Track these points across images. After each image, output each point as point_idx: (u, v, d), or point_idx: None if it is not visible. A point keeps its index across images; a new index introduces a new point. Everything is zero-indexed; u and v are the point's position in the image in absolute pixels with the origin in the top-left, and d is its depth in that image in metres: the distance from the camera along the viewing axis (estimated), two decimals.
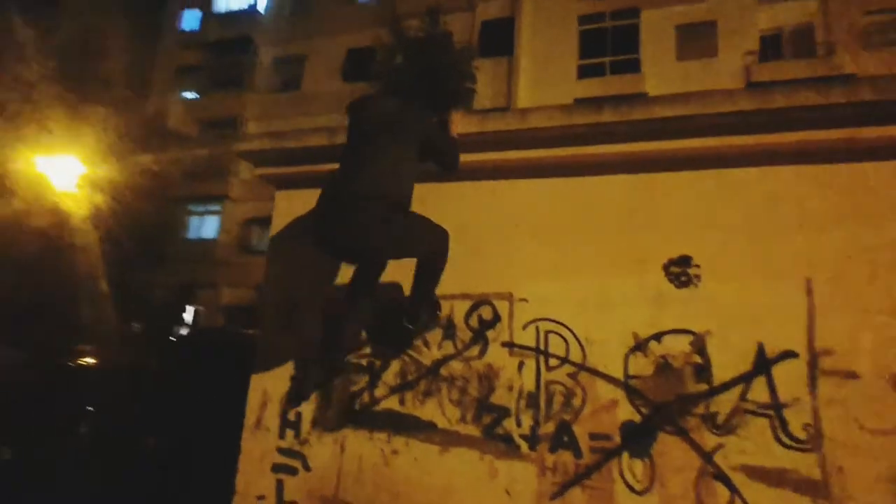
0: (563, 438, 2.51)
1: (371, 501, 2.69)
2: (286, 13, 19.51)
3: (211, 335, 10.31)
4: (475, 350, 2.75)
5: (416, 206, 2.58)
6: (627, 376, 2.48)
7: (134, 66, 20.36)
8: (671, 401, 2.40)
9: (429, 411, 2.76)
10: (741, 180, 2.52)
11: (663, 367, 2.44)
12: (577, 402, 2.53)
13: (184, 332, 16.32)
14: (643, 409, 2.43)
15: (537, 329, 2.66)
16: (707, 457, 2.30)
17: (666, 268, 2.53)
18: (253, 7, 19.82)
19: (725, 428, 2.30)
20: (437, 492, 2.64)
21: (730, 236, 2.48)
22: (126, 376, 6.85)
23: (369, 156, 2.46)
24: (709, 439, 2.31)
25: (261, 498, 2.94)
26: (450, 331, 2.82)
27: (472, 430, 2.66)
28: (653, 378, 2.44)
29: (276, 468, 2.95)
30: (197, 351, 7.34)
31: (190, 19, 20.91)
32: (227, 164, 18.23)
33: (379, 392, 2.86)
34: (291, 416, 3.00)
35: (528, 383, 2.62)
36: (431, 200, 2.96)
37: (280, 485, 2.92)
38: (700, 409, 2.35)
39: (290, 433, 2.98)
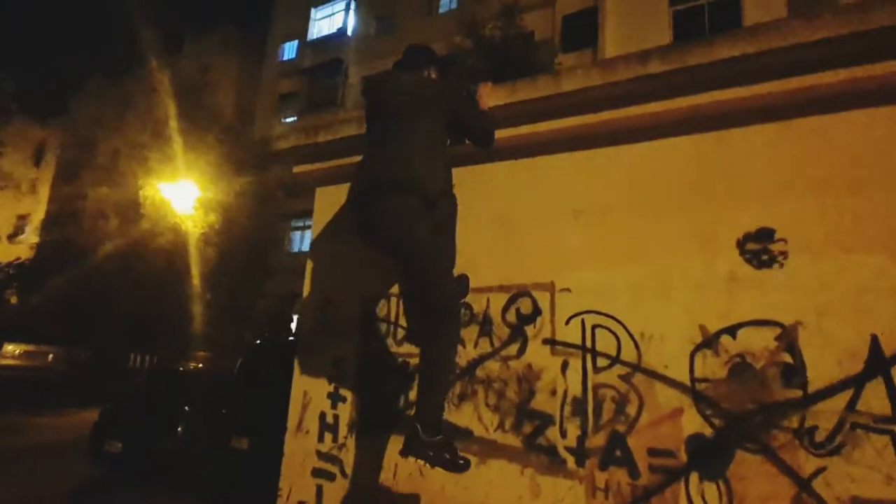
0: (616, 453, 2.10)
1: None
2: (372, 33, 20.33)
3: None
4: (513, 348, 2.43)
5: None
6: (694, 380, 2.02)
7: (241, 97, 22.39)
8: (752, 411, 1.90)
9: (465, 417, 2.48)
10: (837, 129, 1.97)
11: (740, 368, 1.95)
12: (631, 410, 2.11)
13: (290, 339, 17.36)
14: (715, 421, 1.96)
15: (583, 323, 2.29)
16: (803, 484, 1.78)
17: (741, 245, 2.04)
18: (342, 31, 20.92)
19: (828, 447, 1.77)
20: None
21: (825, 201, 1.94)
22: (226, 380, 7.28)
23: (395, 137, 2.21)
24: (805, 461, 1.79)
25: (302, 503, 2.84)
26: (486, 327, 2.52)
27: (511, 440, 2.34)
28: (727, 382, 1.96)
29: (316, 473, 2.84)
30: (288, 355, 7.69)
31: (289, 50, 22.59)
32: None
33: (413, 395, 2.64)
34: (329, 418, 2.88)
35: (574, 387, 2.25)
36: (461, 185, 2.71)
37: (320, 490, 2.80)
38: (792, 423, 1.84)
39: (328, 436, 2.86)
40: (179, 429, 5.97)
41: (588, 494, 2.12)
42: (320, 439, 2.88)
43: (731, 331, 1.99)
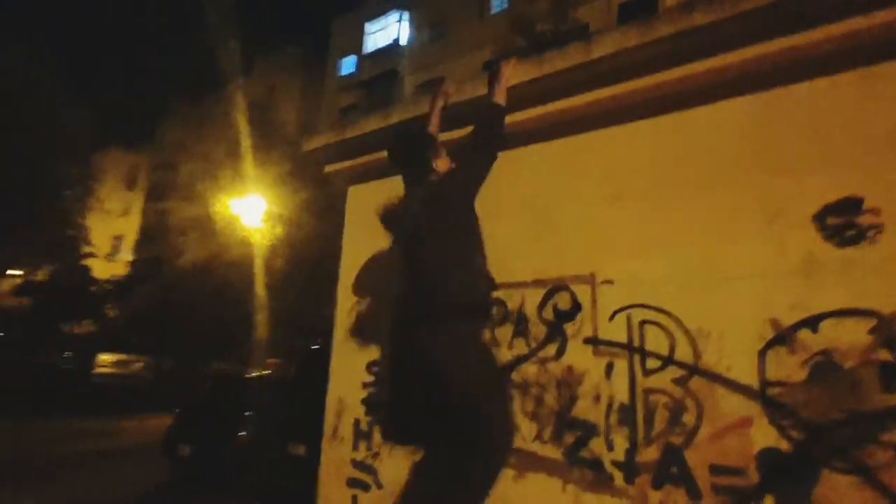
0: (672, 470, 1.80)
1: None
2: (425, 41, 20.47)
3: None
4: (552, 349, 2.18)
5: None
6: (765, 383, 1.69)
7: (305, 113, 23.30)
8: (841, 421, 1.55)
9: None
10: None
11: (824, 368, 1.60)
12: (689, 419, 1.80)
13: None
14: (793, 433, 1.62)
15: (629, 319, 2.00)
16: None
17: (819, 219, 1.69)
18: (396, 41, 21.25)
19: None
20: None
21: None
22: (286, 386, 7.42)
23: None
24: None
25: None
26: (521, 325, 2.29)
27: (551, 452, 2.08)
28: (807, 386, 1.62)
29: (351, 483, 2.71)
30: None
31: (347, 65, 23.23)
32: None
33: None
34: (364, 425, 2.75)
35: (620, 392, 1.97)
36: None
37: (355, 501, 2.67)
38: (894, 437, 1.47)
39: (362, 444, 2.73)
40: (240, 434, 6.11)
41: None
42: (355, 447, 2.75)
43: (811, 323, 1.64)
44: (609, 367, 2.01)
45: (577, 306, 2.14)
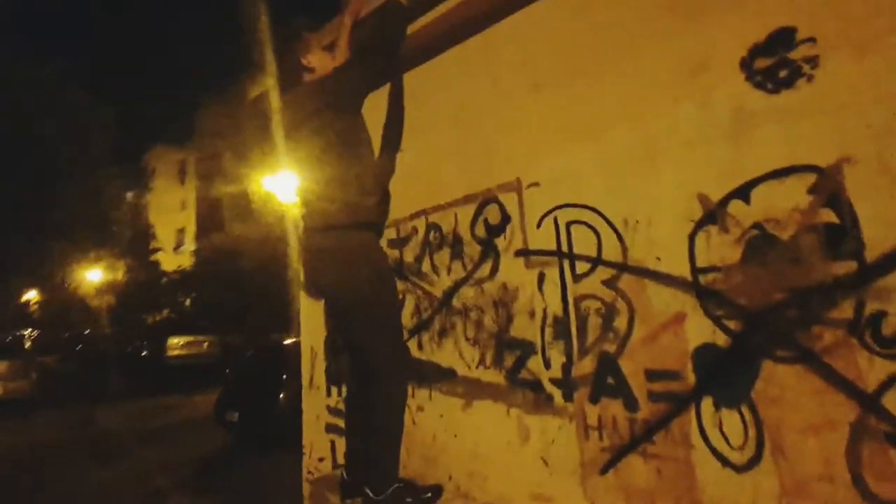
0: (608, 381, 1.60)
1: (405, 468, 2.19)
2: None
3: None
4: (486, 268, 1.99)
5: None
6: (697, 271, 1.43)
7: None
8: (782, 302, 1.29)
9: (447, 355, 2.12)
10: None
11: (760, 243, 1.33)
12: (621, 323, 1.58)
13: None
14: (730, 324, 1.37)
15: (556, 222, 1.77)
16: (868, 401, 1.15)
17: (746, 65, 1.37)
18: None
19: None
20: (467, 457, 2.00)
21: None
22: None
23: None
24: (869, 367, 1.16)
25: (321, 460, 2.73)
26: (457, 248, 2.11)
27: (493, 377, 1.93)
28: (742, 267, 1.35)
29: (329, 429, 2.70)
30: None
31: None
32: None
33: None
34: (333, 370, 2.71)
35: (553, 303, 1.77)
36: (412, 92, 2.28)
37: (333, 446, 2.66)
38: (844, 312, 1.20)
39: (334, 390, 2.69)
40: (281, 396, 6.37)
41: (580, 435, 1.66)
42: (328, 394, 2.73)
43: (742, 193, 1.36)
44: (541, 278, 1.80)
45: (506, 218, 1.93)
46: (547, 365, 1.76)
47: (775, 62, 1.32)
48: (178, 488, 4.99)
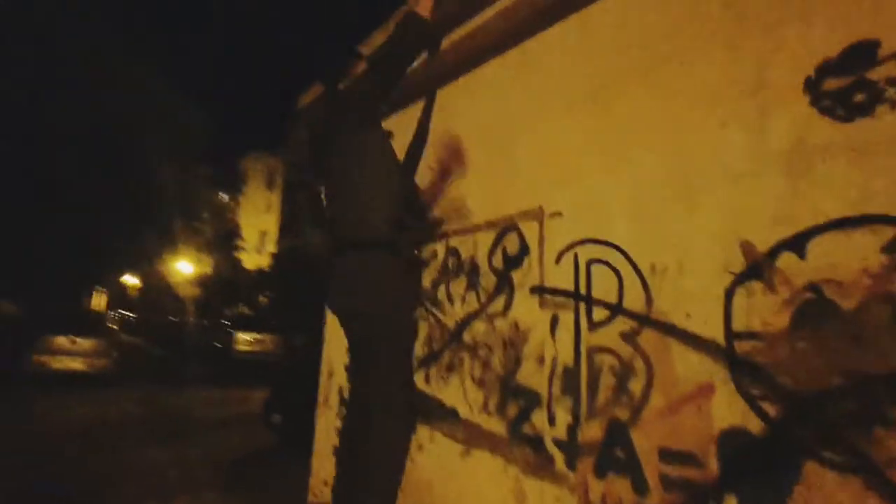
0: (617, 453, 1.35)
1: None
2: None
3: None
4: (500, 302, 1.80)
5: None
6: (732, 335, 1.16)
7: None
8: (839, 391, 0.99)
9: (452, 393, 1.93)
10: None
11: (814, 310, 1.04)
12: (637, 386, 1.33)
13: None
14: (768, 408, 1.08)
15: (576, 259, 1.55)
16: None
17: (813, 85, 1.10)
18: None
19: None
20: None
21: None
22: None
23: None
24: None
25: (326, 484, 2.61)
26: (473, 277, 1.93)
27: (496, 425, 1.72)
28: (789, 338, 1.07)
29: (336, 451, 2.57)
30: None
31: None
32: None
33: None
34: (346, 393, 2.59)
35: (565, 352, 1.53)
36: (445, 107, 2.16)
37: None
38: None
39: (344, 412, 2.57)
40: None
41: None
42: (339, 414, 2.61)
43: (797, 244, 1.08)
44: (554, 321, 1.58)
45: (524, 249, 1.73)
46: (551, 421, 1.53)
47: (850, 83, 1.04)
48: (211, 483, 5.09)
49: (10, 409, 7.16)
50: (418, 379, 2.08)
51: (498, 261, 1.82)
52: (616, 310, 1.41)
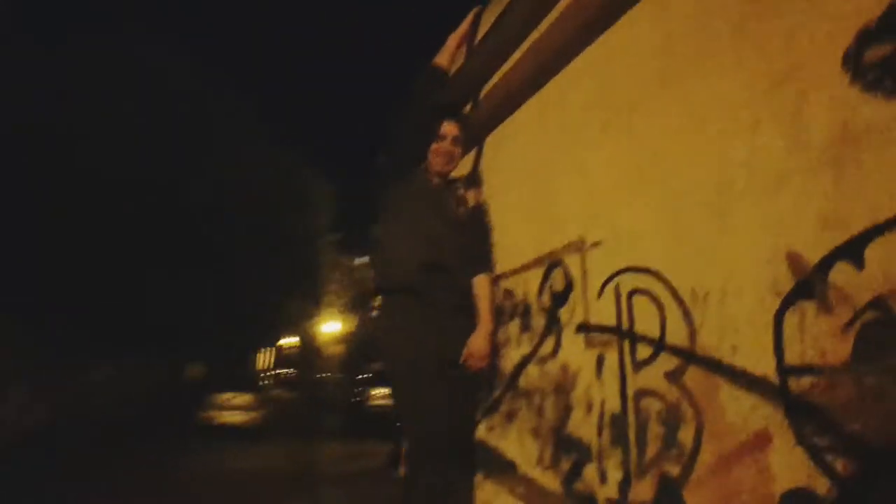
0: None
1: None
2: None
3: None
4: (549, 344, 1.67)
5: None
6: (784, 369, 0.94)
7: None
8: None
9: (511, 444, 1.81)
10: None
11: (881, 331, 0.81)
12: (686, 436, 1.12)
13: None
14: (835, 462, 0.84)
15: (617, 291, 1.40)
16: None
17: (853, 59, 0.90)
18: None
19: None
20: None
21: None
22: None
23: None
24: None
25: None
26: (526, 318, 1.83)
27: (550, 481, 1.56)
28: (853, 369, 0.83)
29: None
30: None
31: None
32: None
33: None
34: None
35: (611, 397, 1.36)
36: (490, 150, 2.16)
37: None
38: None
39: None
40: None
41: None
42: None
43: (852, 251, 0.86)
44: (599, 362, 1.42)
45: (569, 285, 1.61)
46: (602, 478, 1.34)
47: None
48: None
49: (169, 460, 8.16)
50: (481, 429, 1.98)
51: (546, 299, 1.71)
52: (659, 346, 1.22)
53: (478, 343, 1.62)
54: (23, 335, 6.64)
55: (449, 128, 1.78)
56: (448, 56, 1.96)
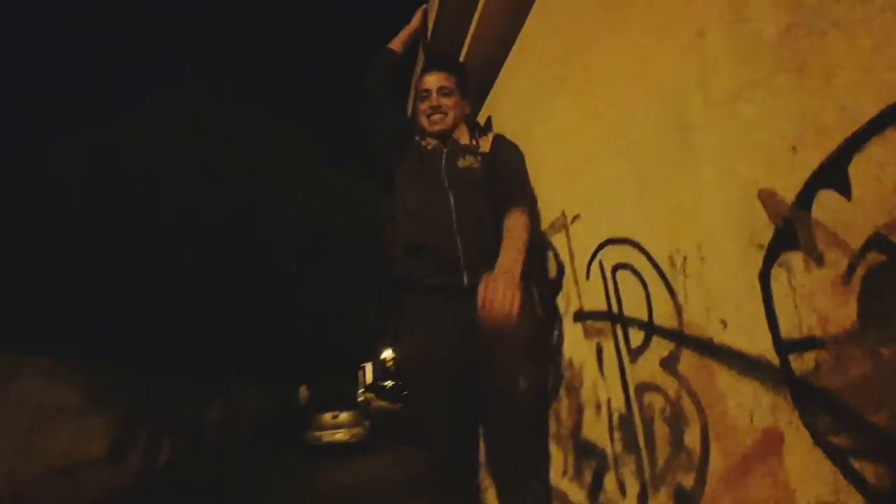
0: None
1: None
2: None
3: None
4: (555, 337, 1.47)
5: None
6: (782, 345, 0.70)
7: None
8: None
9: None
10: None
11: (888, 278, 0.56)
12: (691, 438, 0.90)
13: None
14: (861, 467, 0.60)
15: (601, 269, 1.18)
16: None
17: None
18: None
19: None
20: None
21: None
22: None
23: None
24: None
25: None
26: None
27: (576, 494, 1.36)
28: (862, 336, 0.59)
29: None
30: None
31: None
32: None
33: None
34: None
35: (616, 394, 1.15)
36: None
37: None
38: None
39: None
40: None
41: None
42: None
43: (835, 174, 0.62)
44: (599, 354, 1.21)
45: (561, 269, 1.40)
46: (622, 490, 1.13)
47: None
48: None
49: (291, 481, 8.54)
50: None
51: (544, 287, 1.51)
52: (649, 329, 1.00)
53: (493, 284, 1.10)
54: (139, 382, 7.26)
55: (431, 79, 1.49)
56: (399, 44, 1.79)
